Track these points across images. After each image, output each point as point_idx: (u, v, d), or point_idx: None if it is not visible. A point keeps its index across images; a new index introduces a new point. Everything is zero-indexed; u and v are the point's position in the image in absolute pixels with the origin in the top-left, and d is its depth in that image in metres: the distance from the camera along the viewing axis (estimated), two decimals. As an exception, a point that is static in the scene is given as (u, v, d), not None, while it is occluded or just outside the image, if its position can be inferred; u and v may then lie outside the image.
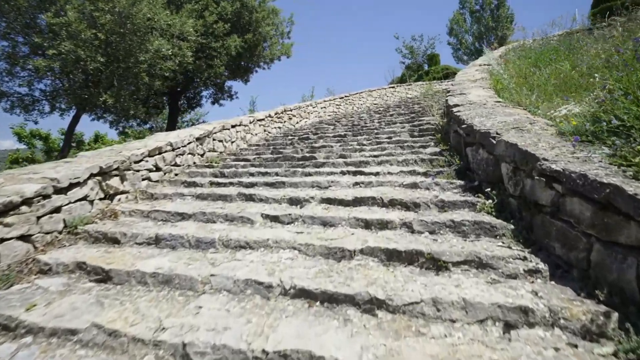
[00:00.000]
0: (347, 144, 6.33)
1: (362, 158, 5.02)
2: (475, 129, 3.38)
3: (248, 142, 8.54)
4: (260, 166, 5.65)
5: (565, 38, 12.18)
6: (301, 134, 8.79)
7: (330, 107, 13.78)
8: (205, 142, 6.84)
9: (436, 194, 3.27)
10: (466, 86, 6.02)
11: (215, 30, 11.31)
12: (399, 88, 18.53)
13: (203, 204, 3.97)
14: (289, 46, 15.14)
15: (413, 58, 25.74)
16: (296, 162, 5.45)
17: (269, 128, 9.88)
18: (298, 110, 11.71)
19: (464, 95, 5.28)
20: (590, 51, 5.21)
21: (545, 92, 4.30)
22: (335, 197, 3.45)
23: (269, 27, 12.78)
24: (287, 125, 11.01)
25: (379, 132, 6.93)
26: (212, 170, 5.56)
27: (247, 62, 13.75)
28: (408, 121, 7.46)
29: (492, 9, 27.00)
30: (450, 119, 4.65)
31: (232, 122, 7.96)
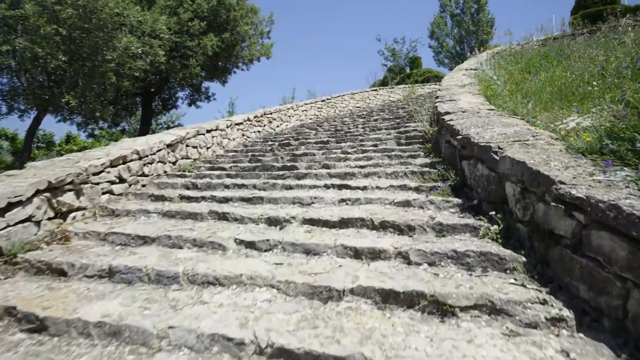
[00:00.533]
0: (330, 152, 5.96)
1: (347, 169, 4.66)
2: (472, 142, 3.07)
3: (225, 148, 8.06)
4: (237, 176, 5.21)
5: (548, 43, 12.24)
6: (282, 139, 8.37)
7: (311, 110, 13.42)
8: (178, 148, 6.34)
9: (432, 215, 2.94)
10: (455, 92, 5.76)
11: (190, 28, 10.74)
12: (381, 91, 18.36)
13: (170, 223, 3.51)
14: (269, 47, 14.68)
15: (395, 61, 25.71)
16: (276, 173, 5.04)
17: (247, 132, 9.42)
18: (278, 113, 11.29)
19: (454, 102, 5.01)
20: (582, 57, 5.03)
21: (541, 101, 4.06)
22: (320, 218, 3.07)
23: (247, 27, 12.29)
24: (267, 129, 10.57)
25: (364, 138, 6.60)
26: (183, 181, 5.08)
27: (224, 62, 13.20)
28: (394, 127, 7.17)
29: (472, 13, 27.30)
30: (442, 128, 4.35)
31: (208, 127, 7.47)
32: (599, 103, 3.04)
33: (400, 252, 2.41)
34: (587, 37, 11.33)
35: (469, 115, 4.07)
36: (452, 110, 4.50)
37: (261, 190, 4.31)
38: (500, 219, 2.51)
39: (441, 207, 3.08)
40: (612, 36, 6.53)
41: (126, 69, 8.60)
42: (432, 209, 3.10)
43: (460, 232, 2.64)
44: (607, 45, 5.97)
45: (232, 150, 7.91)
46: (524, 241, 2.31)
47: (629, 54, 4.15)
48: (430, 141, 4.90)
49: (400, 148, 5.38)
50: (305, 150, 6.50)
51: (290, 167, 5.26)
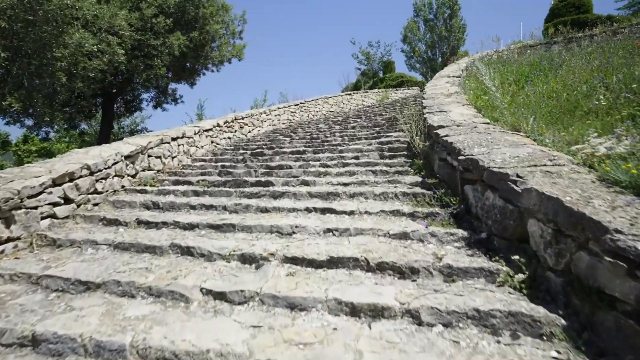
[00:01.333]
0: (308, 164, 5.47)
1: (330, 187, 4.18)
2: (481, 166, 2.67)
3: (193, 157, 7.38)
4: (205, 194, 4.60)
5: (524, 51, 12.32)
6: (254, 148, 7.79)
7: (285, 115, 12.88)
8: (139, 159, 5.64)
9: (435, 251, 2.50)
10: (442, 101, 5.41)
11: (154, 25, 9.91)
12: (355, 95, 18.07)
13: (122, 260, 2.88)
14: (241, 47, 13.97)
15: (369, 64, 25.59)
16: (249, 190, 4.47)
17: (217, 139, 8.76)
18: (250, 118, 10.68)
19: (445, 114, 4.65)
20: (578, 67, 4.80)
21: (542, 114, 3.74)
22: (304, 256, 2.56)
23: (218, 25, 11.57)
24: (239, 135, 9.94)
25: (343, 149, 6.15)
26: (143, 199, 4.41)
27: (193, 63, 12.39)
28: (374, 137, 6.77)
29: (445, 18, 27.66)
30: (435, 144, 3.96)
31: (173, 134, 6.78)
32: (614, 121, 2.72)
33: (409, 310, 1.94)
34: (563, 46, 11.48)
35: (466, 130, 3.70)
36: (445, 123, 4.12)
37: (233, 214, 3.74)
38: (524, 264, 2.10)
39: (444, 241, 2.65)
40: (591, 44, 6.41)
41: (80, 68, 7.68)
42: (434, 242, 2.66)
43: (473, 277, 2.21)
44: (592, 54, 5.84)
45: (200, 159, 7.26)
46: (557, 295, 1.90)
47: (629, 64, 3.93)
48: (419, 156, 4.50)
49: (384, 162, 4.96)
50: (280, 162, 5.97)
51: (265, 183, 4.72)
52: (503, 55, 10.96)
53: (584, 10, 13.64)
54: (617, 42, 6.95)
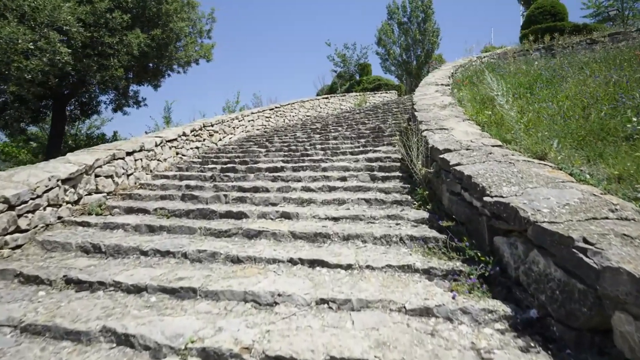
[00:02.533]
0: (288, 186, 4.71)
1: (317, 223, 3.44)
2: (523, 217, 2.02)
3: (153, 173, 6.45)
4: (162, 230, 3.74)
5: (507, 57, 12.05)
6: (225, 161, 6.94)
7: (259, 120, 12.05)
8: (83, 181, 4.69)
9: (474, 341, 1.82)
10: (439, 115, 4.80)
11: (109, 21, 8.78)
12: (332, 99, 17.43)
13: (27, 357, 2.02)
14: (209, 47, 12.90)
15: (345, 67, 25.04)
16: (217, 224, 3.66)
17: (183, 150, 7.82)
18: (221, 125, 9.78)
19: (447, 132, 4.02)
20: (586, 81, 4.30)
21: (564, 136, 3.17)
22: (293, 355, 1.81)
23: (183, 23, 10.51)
24: (208, 143, 9.03)
25: (327, 167, 5.43)
26: (82, 238, 3.50)
27: (156, 63, 11.27)
28: (360, 151, 6.09)
29: (419, 22, 27.55)
30: (442, 171, 3.31)
31: (129, 148, 5.84)
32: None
33: None
34: (544, 53, 11.28)
35: (481, 156, 3.07)
36: (450, 145, 3.49)
37: (195, 264, 2.93)
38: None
39: (481, 321, 1.98)
40: (572, 52, 6.03)
41: (13, 69, 6.53)
42: (469, 324, 1.98)
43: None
44: (590, 64, 5.42)
45: (163, 175, 6.33)
46: None
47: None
48: (421, 183, 3.84)
49: (377, 186, 4.28)
50: (255, 182, 5.18)
51: (238, 215, 3.92)
52: (486, 62, 10.63)
53: (560, 18, 13.62)
54: (612, 52, 6.62)
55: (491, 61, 11.65)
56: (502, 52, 12.48)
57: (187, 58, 11.66)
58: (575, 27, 12.78)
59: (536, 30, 13.32)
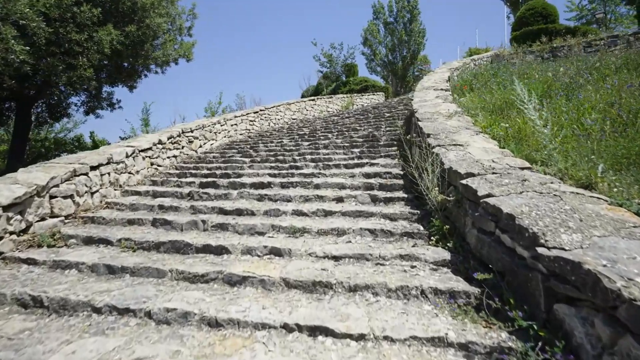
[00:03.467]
0: (277, 209, 4.09)
1: (314, 265, 2.83)
2: (612, 291, 1.46)
3: (123, 188, 5.72)
4: (124, 271, 3.06)
5: (499, 59, 11.69)
6: (205, 173, 6.26)
7: (242, 124, 11.36)
8: (33, 205, 3.97)
9: None
10: (447, 127, 4.26)
11: (77, 15, 7.92)
12: (319, 101, 16.84)
13: None
14: (190, 46, 12.06)
15: (332, 67, 24.46)
16: (191, 264, 3.00)
17: (159, 160, 7.09)
18: (201, 130, 9.06)
19: (462, 149, 3.47)
20: (617, 88, 3.82)
21: (606, 158, 2.66)
22: None
23: (160, 19, 9.67)
24: (187, 151, 8.31)
25: (320, 183, 4.83)
26: (19, 289, 2.79)
27: (131, 63, 10.41)
28: (355, 164, 5.51)
29: (405, 22, 27.27)
30: (464, 200, 2.74)
31: (93, 161, 5.12)
32: None
33: None
34: (539, 56, 10.95)
35: (514, 184, 2.52)
36: (471, 167, 2.93)
37: (162, 327, 2.28)
38: None
39: None
40: (568, 55, 5.60)
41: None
42: None
43: None
44: (608, 70, 4.98)
45: (134, 191, 5.61)
46: None
47: None
48: (435, 212, 3.27)
49: (381, 211, 3.69)
50: (238, 203, 4.54)
51: (218, 250, 3.27)
52: (484, 64, 10.22)
53: (551, 20, 13.38)
54: (621, 56, 6.23)
55: (483, 63, 11.27)
56: (494, 54, 12.13)
57: (165, 57, 10.81)
58: (568, 29, 12.53)
59: (528, 32, 13.03)
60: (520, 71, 6.81)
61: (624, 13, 25.42)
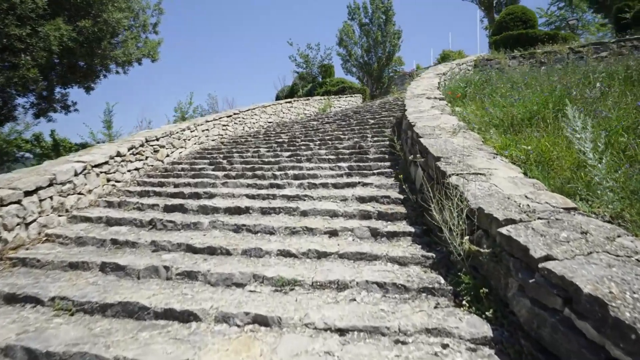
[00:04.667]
0: (257, 246, 3.37)
1: (313, 343, 2.13)
2: None
3: (71, 212, 4.85)
4: (52, 358, 2.25)
5: (479, 64, 11.38)
6: (171, 192, 5.42)
7: (215, 129, 10.49)
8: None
9: None
10: (456, 147, 3.66)
11: (17, 7, 6.81)
12: (295, 103, 16.11)
13: None
14: (155, 45, 10.95)
15: (308, 68, 23.72)
16: (144, 342, 2.24)
17: (117, 174, 6.17)
18: (168, 137, 8.14)
19: (484, 178, 2.89)
20: None
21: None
22: None
23: (120, 14, 8.59)
24: (152, 161, 7.40)
25: (307, 210, 4.13)
26: None
27: (87, 62, 9.27)
28: (346, 183, 4.85)
29: (380, 23, 27.02)
30: (506, 256, 2.13)
31: (29, 184, 4.23)
32: None
33: None
34: (523, 62, 10.71)
35: (574, 238, 1.93)
36: (507, 209, 2.33)
37: None
38: None
39: None
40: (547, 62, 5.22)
41: None
42: None
43: None
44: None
45: (83, 217, 4.73)
46: None
47: None
48: (461, 263, 2.64)
49: (387, 254, 3.04)
50: (210, 237, 3.77)
51: (182, 316, 2.51)
52: (466, 69, 9.84)
53: (531, 25, 13.28)
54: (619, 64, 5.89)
55: (468, 68, 10.93)
56: (477, 59, 11.84)
57: (126, 56, 9.70)
58: (547, 35, 12.44)
59: (508, 36, 12.85)
60: (515, 78, 6.39)
61: (590, 20, 26.19)
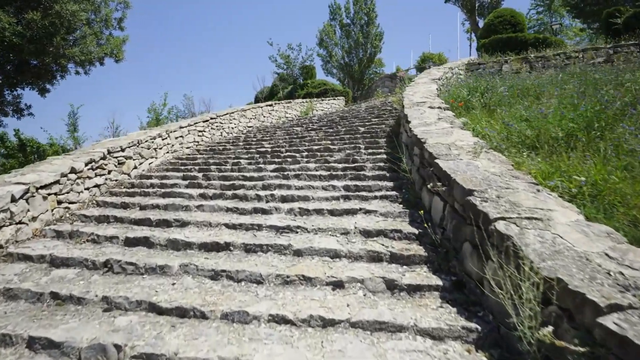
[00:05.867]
0: (242, 308, 2.59)
1: None
2: None
3: (6, 249, 3.93)
4: None
5: (471, 68, 10.90)
6: (136, 218, 4.57)
7: (190, 136, 9.56)
8: None
9: None
10: (488, 175, 2.99)
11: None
12: (277, 107, 15.28)
13: None
14: (120, 42, 9.81)
15: (289, 69, 22.86)
16: None
17: (70, 195, 5.25)
18: (136, 147, 7.22)
19: (542, 225, 2.23)
20: None
21: None
22: None
23: (76, 6, 7.44)
24: (116, 175, 6.48)
25: (302, 249, 3.37)
26: None
27: (38, 60, 8.12)
28: (345, 210, 4.12)
29: (362, 24, 26.56)
30: (611, 357, 1.44)
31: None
32: None
33: None
34: (514, 66, 10.29)
35: None
36: (604, 290, 1.66)
37: None
38: None
39: None
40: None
41: None
42: None
43: None
44: None
45: (21, 255, 3.89)
46: None
47: None
48: (510, 338, 1.95)
49: (415, 323, 2.33)
50: (181, 291, 2.96)
51: None
52: (459, 73, 9.33)
53: (520, 29, 12.98)
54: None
55: (460, 72, 10.44)
56: (468, 63, 11.37)
57: (85, 55, 8.57)
58: (537, 39, 12.12)
59: (497, 40, 12.48)
60: (520, 84, 5.85)
61: (568, 25, 26.54)
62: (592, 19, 22.36)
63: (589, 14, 21.83)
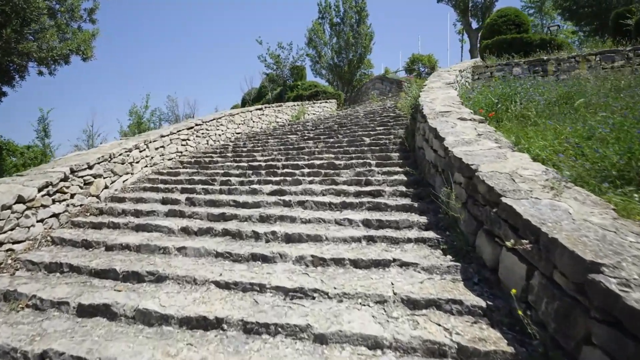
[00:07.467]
0: None
1: None
2: None
3: None
4: None
5: (477, 71, 10.11)
6: (96, 270, 3.49)
7: (172, 145, 8.45)
8: None
9: None
10: (593, 228, 2.06)
11: None
12: (267, 110, 14.21)
13: None
14: (88, 37, 8.47)
15: (279, 69, 21.76)
16: None
17: (16, 232, 4.14)
18: (108, 163, 6.13)
19: None
20: None
21: None
22: None
23: (35, -4, 6.27)
24: (81, 199, 5.39)
25: (327, 334, 2.39)
26: None
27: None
28: (372, 261, 3.15)
29: (352, 24, 25.68)
30: None
31: None
32: None
33: None
34: (526, 70, 9.55)
35: None
36: None
37: None
38: None
39: None
40: None
41: None
42: None
43: None
44: None
45: None
46: None
47: None
48: None
49: None
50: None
51: None
52: (466, 77, 8.51)
53: (524, 29, 12.29)
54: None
55: (468, 77, 9.62)
56: (474, 66, 10.58)
57: (46, 52, 7.28)
58: (543, 40, 11.43)
59: (501, 40, 11.75)
60: (555, 91, 5.02)
61: (562, 27, 26.32)
62: (585, 21, 22.03)
63: (581, 16, 21.48)
